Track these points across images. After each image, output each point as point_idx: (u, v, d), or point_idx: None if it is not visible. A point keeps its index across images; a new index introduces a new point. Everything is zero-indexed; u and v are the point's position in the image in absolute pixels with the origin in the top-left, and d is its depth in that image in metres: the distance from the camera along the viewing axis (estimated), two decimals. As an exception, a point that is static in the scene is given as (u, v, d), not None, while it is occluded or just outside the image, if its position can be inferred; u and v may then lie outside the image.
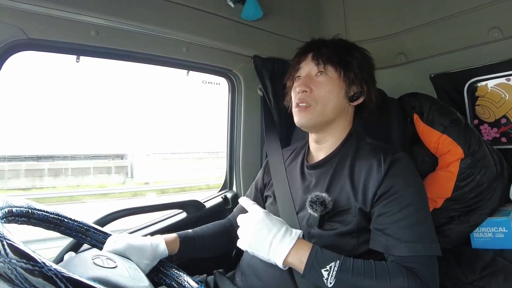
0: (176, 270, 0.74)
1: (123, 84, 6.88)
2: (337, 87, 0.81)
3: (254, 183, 1.04)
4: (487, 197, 0.99)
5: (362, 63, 0.83)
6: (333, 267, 0.64)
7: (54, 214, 0.64)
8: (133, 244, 0.72)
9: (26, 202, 0.59)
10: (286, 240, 0.68)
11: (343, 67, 0.81)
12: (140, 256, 0.72)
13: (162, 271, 0.75)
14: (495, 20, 1.06)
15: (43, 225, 0.62)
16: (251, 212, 0.74)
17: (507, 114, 1.21)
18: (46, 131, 6.17)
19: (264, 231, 0.69)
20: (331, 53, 0.81)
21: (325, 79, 0.81)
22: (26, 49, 0.87)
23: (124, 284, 0.54)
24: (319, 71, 0.82)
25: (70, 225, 0.68)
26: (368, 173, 0.74)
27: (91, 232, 0.73)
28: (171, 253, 0.81)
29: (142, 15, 0.96)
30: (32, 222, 0.59)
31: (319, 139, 0.86)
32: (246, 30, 1.20)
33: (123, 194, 5.95)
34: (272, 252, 0.67)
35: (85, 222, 0.72)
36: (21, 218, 0.56)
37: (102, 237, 0.74)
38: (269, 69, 1.25)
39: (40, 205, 0.62)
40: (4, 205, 0.52)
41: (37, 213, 0.60)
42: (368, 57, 0.86)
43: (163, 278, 0.73)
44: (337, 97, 0.81)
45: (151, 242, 0.76)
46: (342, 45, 0.85)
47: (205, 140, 7.38)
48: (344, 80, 0.81)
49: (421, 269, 0.65)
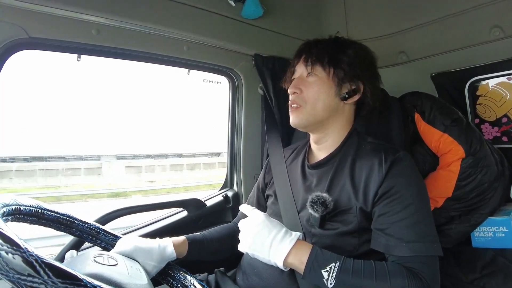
0: (183, 273, 0.74)
1: (123, 83, 6.90)
2: (326, 87, 0.81)
3: (256, 184, 1.05)
4: (488, 196, 0.99)
5: (354, 60, 0.81)
6: (333, 267, 0.64)
7: (65, 215, 0.65)
8: (140, 246, 0.73)
9: (36, 202, 0.59)
10: (286, 241, 0.68)
11: (333, 65, 0.80)
12: (147, 257, 0.72)
13: (169, 274, 0.75)
14: (497, 19, 1.06)
15: (54, 225, 0.63)
16: (251, 216, 0.74)
17: (508, 113, 1.21)
18: (44, 131, 6.20)
19: (264, 232, 0.69)
20: (320, 53, 0.82)
21: (314, 79, 0.82)
22: (27, 48, 0.87)
23: (119, 281, 0.55)
24: (308, 72, 0.83)
25: (81, 227, 0.69)
26: (369, 173, 0.74)
27: (102, 234, 0.74)
28: (179, 256, 0.81)
29: (143, 13, 0.96)
30: (42, 223, 0.60)
31: (318, 139, 0.86)
32: (246, 29, 1.20)
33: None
34: (272, 253, 0.67)
35: (95, 224, 0.73)
36: (30, 218, 0.57)
37: (113, 239, 0.75)
38: (269, 67, 1.25)
39: (51, 206, 0.63)
40: (11, 203, 0.53)
41: (47, 213, 0.61)
42: (364, 53, 0.84)
43: (170, 281, 0.74)
44: (327, 96, 0.80)
45: (159, 244, 0.77)
46: (334, 44, 0.84)
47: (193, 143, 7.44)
48: (334, 79, 0.81)
49: (422, 269, 0.65)
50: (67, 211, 0.67)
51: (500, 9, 1.04)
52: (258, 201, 1.01)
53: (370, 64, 0.85)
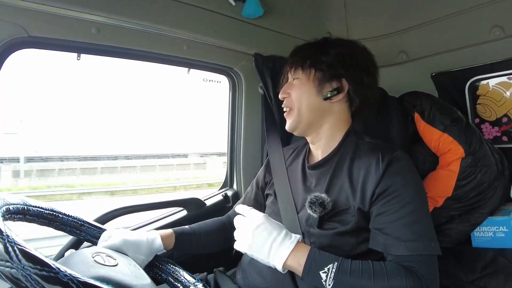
0: (172, 265, 0.74)
1: (121, 82, 6.91)
2: (307, 88, 0.83)
3: (254, 181, 1.04)
4: (488, 196, 0.99)
5: (335, 60, 0.81)
6: (331, 268, 0.64)
7: (49, 210, 0.64)
8: (129, 240, 0.72)
9: (21, 199, 0.59)
10: (286, 244, 0.68)
11: (313, 67, 0.82)
12: (137, 251, 0.72)
13: (158, 266, 0.75)
14: (497, 19, 1.06)
15: (38, 221, 0.62)
16: (250, 215, 0.73)
17: (508, 113, 1.21)
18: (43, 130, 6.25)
19: (264, 233, 0.69)
20: (303, 57, 0.85)
21: (297, 82, 0.85)
22: (26, 47, 0.87)
23: (129, 283, 0.54)
24: (291, 76, 0.87)
25: (65, 220, 0.68)
26: (367, 172, 0.74)
27: (86, 227, 0.73)
28: (167, 248, 0.82)
29: (143, 13, 0.96)
30: (27, 219, 0.60)
31: (311, 139, 0.87)
32: (247, 28, 1.20)
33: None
34: (272, 255, 0.67)
35: (79, 217, 0.72)
36: (17, 216, 0.56)
37: (97, 232, 0.74)
38: (270, 67, 1.25)
39: (35, 201, 0.62)
40: (2, 204, 0.52)
41: (32, 209, 0.60)
42: (350, 50, 0.83)
43: (159, 273, 0.73)
44: (308, 97, 0.82)
45: (146, 237, 0.77)
46: (318, 46, 0.86)
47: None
48: (314, 80, 0.82)
49: (420, 268, 0.65)
50: (51, 205, 0.66)
51: (500, 8, 1.04)
52: (256, 198, 1.00)
53: (358, 61, 0.83)
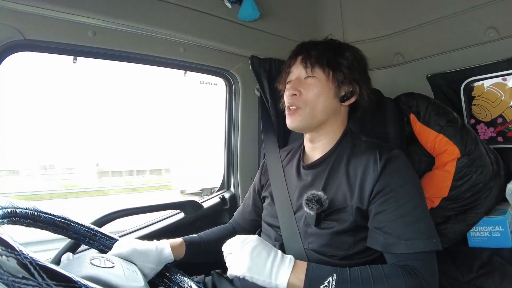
0: (180, 275, 0.74)
1: (118, 85, 6.92)
2: (326, 89, 0.81)
3: (251, 186, 1.04)
4: (483, 196, 1.00)
5: (352, 64, 0.82)
6: (331, 281, 0.63)
7: (61, 218, 0.65)
8: (137, 249, 0.72)
9: (32, 205, 0.59)
10: (285, 262, 0.67)
11: (332, 68, 0.81)
12: (145, 260, 0.72)
13: (167, 276, 0.75)
14: (492, 20, 1.07)
15: (50, 228, 0.63)
16: (241, 237, 0.71)
17: (503, 114, 1.22)
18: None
19: (263, 254, 0.67)
20: (319, 55, 0.81)
21: (313, 81, 0.81)
22: (23, 50, 0.87)
23: (115, 283, 0.54)
24: (307, 74, 0.82)
25: (78, 229, 0.69)
26: (364, 171, 0.74)
27: (99, 237, 0.73)
28: (178, 257, 0.81)
29: (139, 15, 0.96)
30: (38, 225, 0.60)
31: (313, 138, 0.86)
32: (243, 31, 1.20)
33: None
34: (273, 275, 0.65)
35: (92, 227, 0.73)
36: (26, 220, 0.57)
37: (110, 242, 0.74)
38: (266, 69, 1.26)
39: (47, 208, 0.63)
40: (6, 205, 0.52)
41: (44, 216, 0.61)
42: (360, 56, 0.85)
43: (168, 283, 0.74)
44: (326, 98, 0.81)
45: (156, 246, 0.77)
46: (332, 46, 0.85)
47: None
48: (333, 81, 0.81)
49: (420, 266, 0.65)
50: (63, 213, 0.66)
51: (495, 10, 1.05)
52: (254, 203, 1.01)
53: (365, 67, 0.86)
